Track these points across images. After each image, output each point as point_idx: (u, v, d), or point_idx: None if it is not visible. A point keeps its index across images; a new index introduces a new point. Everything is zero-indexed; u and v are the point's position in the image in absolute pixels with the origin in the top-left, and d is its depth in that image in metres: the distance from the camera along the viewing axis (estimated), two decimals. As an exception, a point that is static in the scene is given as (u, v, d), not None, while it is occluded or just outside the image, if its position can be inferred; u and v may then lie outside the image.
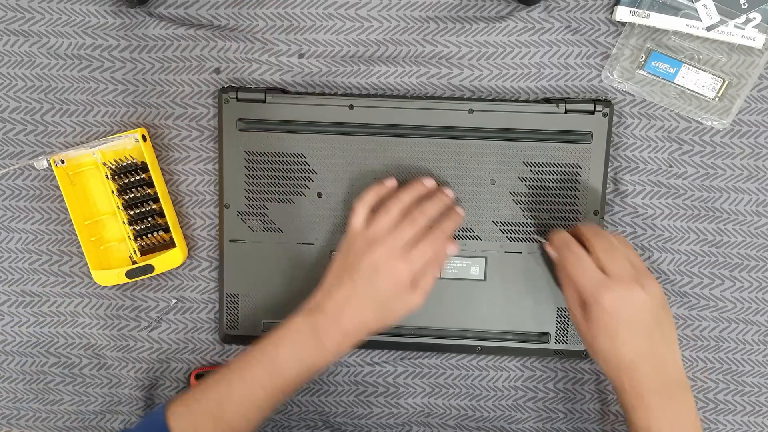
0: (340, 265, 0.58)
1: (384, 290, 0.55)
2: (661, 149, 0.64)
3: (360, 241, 0.57)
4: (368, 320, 0.56)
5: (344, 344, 0.56)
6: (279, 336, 0.56)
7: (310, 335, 0.55)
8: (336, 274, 0.57)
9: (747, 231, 0.64)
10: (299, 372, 0.55)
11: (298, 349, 0.55)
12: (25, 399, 0.68)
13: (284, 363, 0.55)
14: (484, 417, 0.67)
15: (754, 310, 0.65)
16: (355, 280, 0.55)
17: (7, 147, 0.65)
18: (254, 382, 0.55)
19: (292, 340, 0.55)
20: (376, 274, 0.55)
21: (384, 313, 0.56)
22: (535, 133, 0.62)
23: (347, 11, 0.63)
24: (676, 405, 0.53)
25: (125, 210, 0.64)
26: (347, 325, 0.55)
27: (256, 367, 0.55)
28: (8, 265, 0.67)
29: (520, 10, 0.62)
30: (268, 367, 0.55)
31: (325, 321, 0.55)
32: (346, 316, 0.55)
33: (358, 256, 0.56)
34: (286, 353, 0.55)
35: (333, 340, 0.55)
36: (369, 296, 0.55)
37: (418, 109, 0.62)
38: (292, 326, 0.56)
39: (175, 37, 0.63)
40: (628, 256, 0.55)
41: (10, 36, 0.64)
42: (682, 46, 0.62)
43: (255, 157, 0.63)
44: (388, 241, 0.56)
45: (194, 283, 0.66)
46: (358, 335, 0.56)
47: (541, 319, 0.64)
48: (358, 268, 0.56)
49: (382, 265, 0.55)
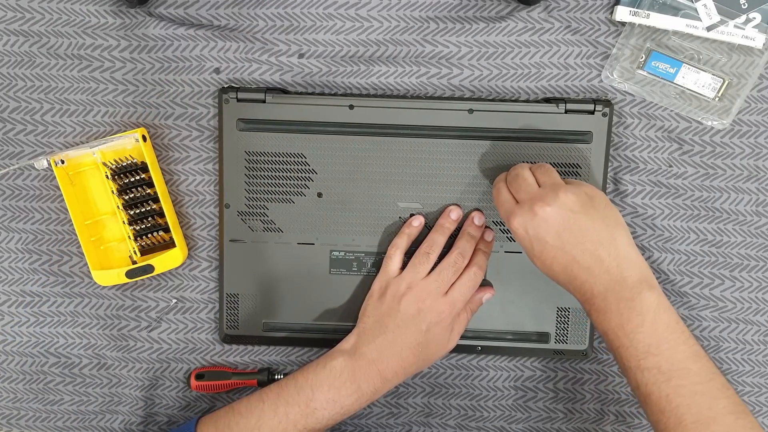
0: (378, 309, 0.58)
1: (428, 333, 0.56)
2: (661, 149, 0.64)
3: (401, 286, 0.58)
4: (408, 365, 0.56)
5: (382, 389, 0.57)
6: (316, 377, 0.56)
7: (349, 380, 0.55)
8: (376, 318, 0.58)
9: (747, 231, 0.64)
10: (333, 415, 0.55)
11: (335, 392, 0.55)
12: (25, 399, 0.68)
13: (320, 405, 0.55)
14: (484, 417, 0.67)
15: (754, 310, 0.65)
16: (399, 325, 0.56)
17: (7, 147, 0.65)
18: (288, 421, 0.55)
19: (330, 384, 0.55)
20: (422, 318, 0.56)
21: (424, 356, 0.57)
22: (535, 133, 0.62)
23: (347, 11, 0.63)
24: (635, 301, 0.50)
25: (125, 210, 0.64)
26: (387, 371, 0.56)
27: (292, 407, 0.55)
28: (8, 265, 0.67)
29: (520, 10, 0.62)
30: (303, 408, 0.55)
31: (366, 367, 0.56)
32: (387, 361, 0.56)
33: (399, 301, 0.57)
34: (322, 396, 0.55)
35: (372, 385, 0.56)
36: (413, 340, 0.56)
37: (418, 109, 0.62)
38: (331, 369, 0.56)
39: (175, 37, 0.63)
40: (539, 178, 0.54)
41: (10, 36, 0.64)
42: (682, 46, 0.62)
43: (255, 157, 0.63)
44: (430, 285, 0.57)
45: (194, 283, 0.66)
46: (397, 380, 0.57)
47: (541, 319, 0.64)
48: (401, 312, 0.56)
49: (427, 309, 0.56)
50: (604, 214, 0.52)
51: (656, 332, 0.49)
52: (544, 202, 0.51)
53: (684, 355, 0.49)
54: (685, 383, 0.49)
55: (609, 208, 0.53)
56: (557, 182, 0.53)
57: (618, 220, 0.53)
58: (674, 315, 0.51)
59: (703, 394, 0.48)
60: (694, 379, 0.49)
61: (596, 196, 0.53)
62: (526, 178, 0.54)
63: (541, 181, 0.54)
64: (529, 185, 0.54)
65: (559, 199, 0.51)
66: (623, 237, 0.52)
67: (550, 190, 0.52)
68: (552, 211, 0.51)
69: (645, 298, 0.50)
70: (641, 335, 0.50)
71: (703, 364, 0.49)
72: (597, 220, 0.51)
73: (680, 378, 0.49)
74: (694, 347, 0.50)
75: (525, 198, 0.53)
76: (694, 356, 0.49)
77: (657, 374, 0.49)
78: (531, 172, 0.55)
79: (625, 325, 0.50)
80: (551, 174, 0.54)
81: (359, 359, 0.56)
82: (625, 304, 0.50)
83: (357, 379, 0.55)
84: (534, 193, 0.53)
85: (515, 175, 0.55)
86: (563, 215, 0.51)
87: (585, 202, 0.51)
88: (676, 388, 0.49)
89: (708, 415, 0.48)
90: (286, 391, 0.56)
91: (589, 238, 0.51)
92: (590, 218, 0.51)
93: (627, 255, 0.51)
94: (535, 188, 0.53)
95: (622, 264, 0.51)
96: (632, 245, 0.52)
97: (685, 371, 0.49)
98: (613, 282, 0.50)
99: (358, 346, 0.57)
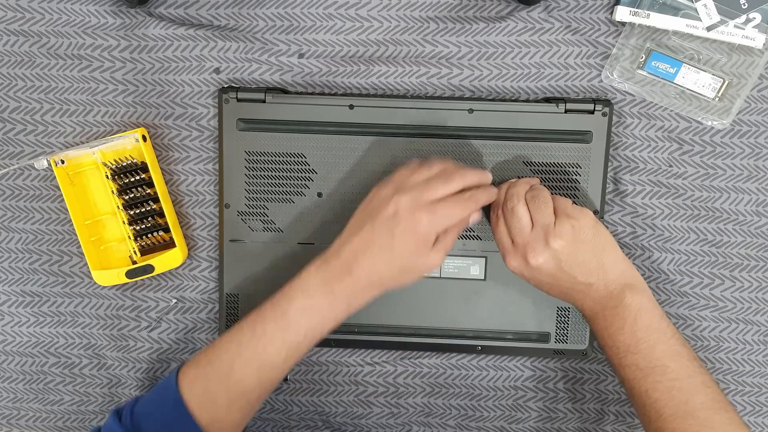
0: (363, 210, 0.55)
1: (401, 243, 0.52)
2: (661, 149, 0.64)
3: (389, 188, 0.54)
4: (382, 273, 0.53)
5: (355, 297, 0.53)
6: (290, 288, 0.54)
7: (322, 284, 0.53)
8: (357, 219, 0.55)
9: (747, 231, 0.64)
10: (309, 326, 0.53)
11: (309, 298, 0.53)
12: (25, 399, 0.68)
13: (296, 314, 0.52)
14: (484, 417, 0.67)
15: (754, 310, 0.65)
16: (375, 228, 0.52)
17: (7, 147, 0.65)
18: (266, 338, 0.53)
19: (304, 290, 0.53)
20: (396, 224, 0.52)
21: (399, 267, 0.53)
22: (535, 133, 0.62)
23: (347, 11, 0.63)
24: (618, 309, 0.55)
25: (125, 210, 0.64)
26: (360, 274, 0.52)
27: (268, 322, 0.53)
28: (8, 265, 0.67)
29: (520, 10, 0.62)
30: (280, 322, 0.53)
31: (338, 269, 0.53)
32: (360, 264, 0.52)
33: (383, 202, 0.53)
34: (297, 307, 0.53)
35: (344, 290, 0.53)
36: (385, 246, 0.52)
37: (418, 109, 0.62)
38: (304, 276, 0.54)
39: (175, 37, 0.63)
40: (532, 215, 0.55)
41: (10, 36, 0.64)
42: (682, 46, 0.62)
43: (255, 157, 0.63)
44: (416, 191, 0.53)
45: (194, 283, 0.66)
46: (371, 289, 0.53)
47: (541, 319, 0.64)
48: (381, 214, 0.53)
49: (403, 215, 0.52)
50: (593, 245, 0.55)
51: (635, 334, 0.54)
52: (536, 252, 0.55)
53: (662, 354, 0.53)
54: (662, 380, 0.53)
55: (595, 235, 0.56)
56: (547, 224, 0.54)
57: (604, 242, 0.56)
58: (655, 317, 0.54)
59: (680, 389, 0.52)
60: (671, 376, 0.52)
61: (582, 228, 0.55)
62: (521, 218, 0.55)
63: (534, 218, 0.55)
64: (523, 227, 0.55)
65: (550, 249, 0.54)
66: (610, 259, 0.56)
67: (541, 238, 0.55)
68: (543, 260, 0.55)
69: (627, 305, 0.54)
70: (622, 336, 0.54)
71: (682, 362, 0.53)
72: (586, 254, 0.55)
73: (657, 375, 0.53)
74: (675, 347, 0.53)
75: (519, 242, 0.56)
76: (673, 355, 0.53)
77: (636, 371, 0.54)
78: (526, 205, 0.56)
79: (609, 327, 0.55)
80: (542, 211, 0.55)
81: (333, 261, 0.53)
82: (609, 312, 0.55)
83: (330, 281, 0.52)
84: (527, 237, 0.55)
85: (510, 210, 0.56)
86: (554, 261, 0.55)
87: (574, 241, 0.55)
88: (654, 384, 0.53)
89: (684, 409, 0.51)
90: (263, 310, 0.54)
91: (580, 272, 0.55)
92: (580, 254, 0.55)
93: (612, 273, 0.56)
94: (528, 231, 0.55)
95: (609, 284, 0.56)
96: (617, 260, 0.56)
97: (662, 368, 0.53)
98: (600, 297, 0.56)
99: (335, 249, 0.54)
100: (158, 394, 0.54)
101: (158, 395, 0.54)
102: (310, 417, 0.68)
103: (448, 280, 0.64)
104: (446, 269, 0.64)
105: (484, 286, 0.64)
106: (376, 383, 0.67)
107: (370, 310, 0.64)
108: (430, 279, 0.64)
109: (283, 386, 0.67)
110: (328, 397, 0.67)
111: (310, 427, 0.68)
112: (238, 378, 0.52)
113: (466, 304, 0.64)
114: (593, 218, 0.56)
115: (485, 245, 0.64)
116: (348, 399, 0.67)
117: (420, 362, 0.67)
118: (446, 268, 0.64)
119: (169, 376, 0.55)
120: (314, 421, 0.68)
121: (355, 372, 0.67)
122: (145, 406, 0.54)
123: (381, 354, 0.67)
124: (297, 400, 0.68)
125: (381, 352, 0.66)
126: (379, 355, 0.67)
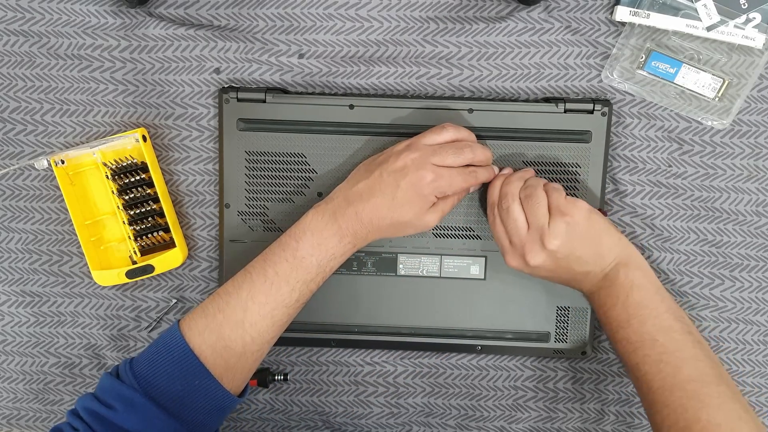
0: (374, 160, 0.58)
1: (404, 193, 0.55)
2: (661, 149, 0.64)
3: (402, 144, 0.58)
4: (383, 218, 0.55)
5: (359, 236, 0.56)
6: (296, 229, 0.56)
7: (329, 222, 0.55)
8: (367, 165, 0.58)
9: (747, 231, 0.64)
10: (320, 261, 0.55)
11: (318, 236, 0.55)
12: (25, 399, 0.68)
13: (306, 253, 0.55)
14: (484, 417, 0.67)
15: (754, 310, 0.65)
16: (383, 174, 0.55)
17: (7, 147, 0.65)
18: (278, 278, 0.54)
19: (313, 229, 0.55)
20: (403, 176, 0.55)
21: (397, 217, 0.56)
22: (534, 133, 0.62)
23: (347, 11, 0.63)
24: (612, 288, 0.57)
25: (125, 210, 0.64)
26: (363, 215, 0.55)
27: (279, 264, 0.54)
28: (8, 265, 0.67)
29: (520, 11, 0.62)
30: (291, 260, 0.55)
31: (345, 205, 0.55)
32: (365, 206, 0.55)
33: (394, 155, 0.56)
34: (306, 243, 0.55)
35: (350, 226, 0.55)
36: (388, 194, 0.55)
37: (418, 109, 0.62)
38: (310, 217, 0.56)
39: (175, 37, 0.63)
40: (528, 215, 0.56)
41: (10, 36, 0.64)
42: (682, 46, 0.62)
43: (255, 157, 0.63)
44: (426, 152, 0.56)
45: (194, 283, 0.66)
46: (372, 230, 0.56)
47: (541, 319, 0.64)
48: (390, 164, 0.56)
49: (411, 169, 0.55)
50: (588, 237, 0.56)
51: (627, 309, 0.56)
52: (533, 253, 0.56)
53: (652, 329, 0.55)
54: (651, 353, 0.54)
55: (590, 225, 0.56)
56: (541, 226, 0.55)
57: (599, 231, 0.57)
58: (648, 293, 0.56)
59: (667, 363, 0.53)
60: (659, 350, 0.54)
61: (577, 223, 0.55)
62: (516, 219, 0.56)
63: (529, 219, 0.56)
64: (519, 228, 0.56)
65: (546, 250, 0.55)
66: (607, 246, 0.57)
67: (536, 240, 0.56)
68: (541, 260, 0.56)
69: (620, 283, 0.56)
70: (615, 312, 0.56)
71: (672, 336, 0.54)
72: (583, 248, 0.56)
73: (646, 348, 0.54)
74: (666, 322, 0.55)
75: (516, 242, 0.57)
76: (663, 329, 0.54)
77: (627, 345, 0.56)
78: (521, 205, 0.56)
79: (604, 305, 0.57)
80: (536, 210, 0.56)
81: (340, 198, 0.56)
82: (605, 291, 0.57)
83: (337, 218, 0.55)
84: (523, 239, 0.56)
85: (506, 210, 0.57)
86: (552, 260, 0.56)
87: (569, 238, 0.55)
88: (643, 357, 0.54)
89: (672, 382, 0.53)
90: (271, 252, 0.55)
91: (577, 264, 0.57)
92: (576, 249, 0.56)
93: (609, 258, 0.57)
94: (524, 232, 0.56)
95: (605, 268, 0.57)
96: (613, 244, 0.57)
97: (651, 342, 0.54)
98: (597, 279, 0.58)
99: (342, 188, 0.57)
100: (160, 350, 0.53)
101: (161, 351, 0.53)
102: (310, 417, 0.68)
103: (448, 280, 0.64)
104: (446, 269, 0.64)
105: (484, 285, 0.64)
106: (376, 383, 0.67)
107: (370, 309, 0.65)
108: (430, 279, 0.64)
109: (283, 386, 0.68)
110: (328, 397, 0.67)
111: (310, 427, 0.68)
112: (252, 321, 0.54)
113: (466, 304, 0.64)
114: (587, 209, 0.56)
115: (485, 245, 0.64)
116: (348, 399, 0.67)
117: (420, 362, 0.67)
118: (446, 268, 0.64)
119: (169, 331, 0.54)
120: (314, 421, 0.68)
121: (355, 372, 0.67)
122: (148, 363, 0.53)
123: (381, 354, 0.67)
124: (297, 400, 0.68)
125: (381, 352, 0.67)
126: (379, 355, 0.67)
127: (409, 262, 0.64)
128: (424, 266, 0.64)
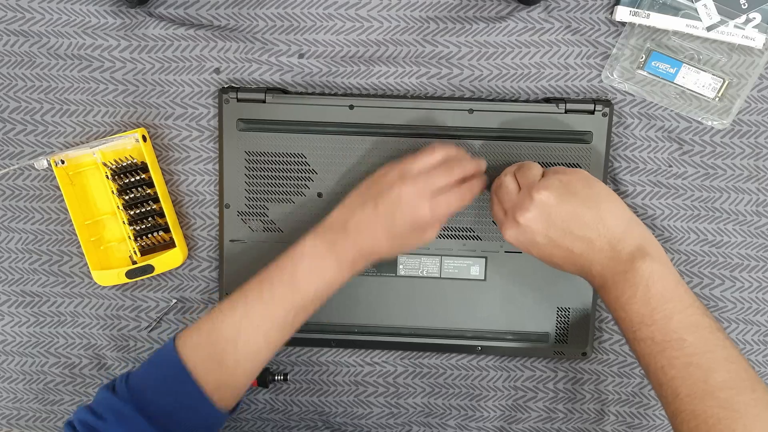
0: (368, 189, 0.57)
1: (401, 225, 0.55)
2: (661, 149, 0.64)
3: (394, 173, 0.57)
4: (381, 247, 0.56)
5: (358, 263, 0.56)
6: (295, 252, 0.56)
7: (328, 250, 0.55)
8: (361, 197, 0.57)
9: (747, 231, 0.64)
10: (318, 287, 0.55)
11: (316, 264, 0.55)
12: (25, 399, 0.68)
13: (303, 278, 0.55)
14: (484, 417, 0.67)
15: (754, 310, 0.65)
16: (378, 207, 0.55)
17: (7, 147, 0.65)
18: (273, 302, 0.54)
19: (311, 255, 0.55)
20: (399, 208, 0.55)
21: (397, 244, 0.56)
22: (535, 133, 0.62)
23: (347, 11, 0.63)
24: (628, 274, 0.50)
25: (125, 210, 0.64)
26: (363, 245, 0.55)
27: (276, 286, 0.54)
28: (8, 265, 0.67)
29: (520, 10, 0.62)
30: (288, 284, 0.54)
31: (343, 238, 0.55)
32: (364, 237, 0.55)
33: (387, 186, 0.56)
34: (304, 268, 0.55)
35: (349, 257, 0.55)
36: (386, 226, 0.55)
37: (418, 109, 0.62)
38: (310, 242, 0.56)
39: (175, 37, 0.63)
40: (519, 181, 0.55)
41: (10, 36, 0.64)
42: (682, 46, 0.62)
43: (255, 157, 0.63)
44: (420, 181, 0.55)
45: (194, 283, 0.66)
46: (371, 257, 0.56)
47: (541, 319, 0.64)
48: (384, 197, 0.55)
49: (406, 201, 0.55)
50: (585, 196, 0.52)
51: (649, 303, 0.49)
52: (523, 208, 0.52)
53: (679, 326, 0.48)
54: (679, 355, 0.48)
55: (589, 187, 0.53)
56: (532, 182, 0.54)
57: (601, 195, 0.53)
58: (670, 283, 0.50)
59: (698, 366, 0.47)
60: (688, 351, 0.48)
61: (572, 181, 0.53)
62: (507, 185, 0.55)
63: (521, 184, 0.55)
64: (510, 193, 0.55)
65: (535, 201, 0.52)
66: (610, 211, 0.52)
67: (526, 194, 0.53)
68: (532, 215, 0.52)
69: (637, 269, 0.50)
70: (635, 306, 0.50)
71: (701, 335, 0.48)
72: (578, 206, 0.51)
73: (674, 349, 0.48)
74: (693, 317, 0.49)
75: (509, 207, 0.55)
76: (691, 327, 0.48)
77: (651, 345, 0.49)
78: (513, 176, 0.56)
79: (620, 297, 0.50)
80: (527, 173, 0.55)
81: (339, 231, 0.55)
82: (620, 277, 0.50)
83: (336, 248, 0.55)
84: (514, 200, 0.54)
85: (499, 185, 0.57)
86: (543, 215, 0.52)
87: (561, 193, 0.52)
88: (671, 360, 0.48)
89: (703, 388, 0.47)
90: (268, 274, 0.55)
91: (575, 225, 0.51)
92: (570, 206, 0.51)
93: (616, 230, 0.51)
94: (515, 195, 0.54)
95: (612, 240, 0.51)
96: (622, 217, 0.52)
97: (679, 342, 0.48)
98: (607, 259, 0.51)
99: (339, 219, 0.57)
100: (155, 364, 0.54)
101: (155, 366, 0.54)
102: (310, 417, 0.68)
103: (448, 280, 0.64)
104: (446, 269, 0.64)
105: (484, 286, 0.64)
106: (376, 383, 0.67)
107: (370, 310, 0.65)
108: (430, 279, 0.64)
109: (283, 386, 0.68)
110: (328, 397, 0.67)
111: (310, 427, 0.68)
112: (245, 340, 0.53)
113: (466, 304, 0.64)
114: (587, 174, 0.54)
115: (485, 245, 0.64)
116: (348, 399, 0.67)
117: (420, 362, 0.67)
118: (446, 268, 0.64)
119: (165, 346, 0.54)
120: (314, 421, 0.68)
121: (355, 372, 0.67)
122: (142, 378, 0.54)
123: (381, 354, 0.67)
124: (297, 400, 0.68)
125: (381, 352, 0.67)
126: (379, 355, 0.67)
127: (410, 262, 0.64)
128: (425, 267, 0.64)
